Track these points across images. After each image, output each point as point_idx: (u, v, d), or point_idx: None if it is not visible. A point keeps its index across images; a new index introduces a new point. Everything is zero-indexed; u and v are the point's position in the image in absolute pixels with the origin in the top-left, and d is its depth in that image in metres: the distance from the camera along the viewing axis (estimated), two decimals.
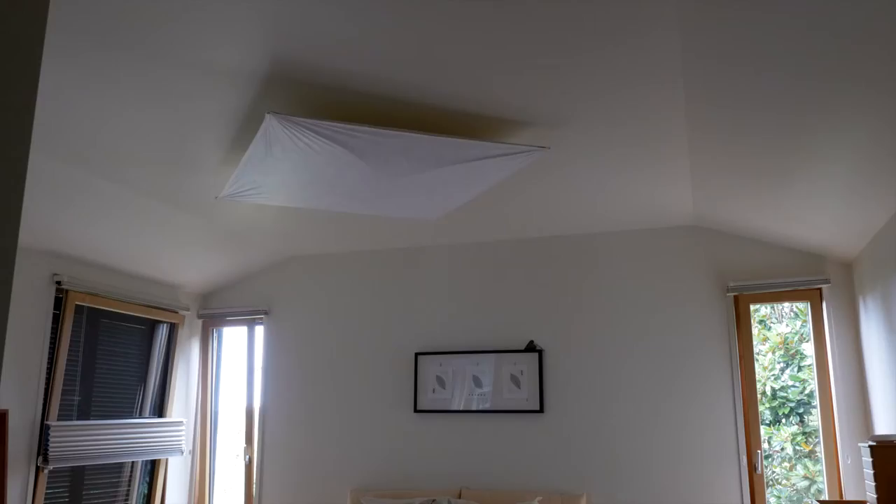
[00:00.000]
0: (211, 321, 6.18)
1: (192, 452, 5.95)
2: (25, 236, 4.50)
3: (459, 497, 5.09)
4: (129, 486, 5.45)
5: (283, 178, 3.73)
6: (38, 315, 4.70)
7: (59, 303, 4.85)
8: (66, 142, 3.62)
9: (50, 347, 4.78)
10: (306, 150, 3.32)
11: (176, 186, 4.32)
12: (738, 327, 4.96)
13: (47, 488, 4.73)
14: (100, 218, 4.60)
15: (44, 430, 4.65)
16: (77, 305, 4.99)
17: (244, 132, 3.50)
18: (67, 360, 4.91)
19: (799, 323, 5.33)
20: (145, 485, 5.59)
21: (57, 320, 4.84)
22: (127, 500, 5.43)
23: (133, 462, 5.47)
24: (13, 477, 4.45)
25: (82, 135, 3.56)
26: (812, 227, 4.46)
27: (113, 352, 5.39)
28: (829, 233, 4.46)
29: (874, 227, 4.02)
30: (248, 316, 6.08)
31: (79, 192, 4.24)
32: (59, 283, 4.81)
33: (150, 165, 3.99)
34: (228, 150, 3.73)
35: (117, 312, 5.36)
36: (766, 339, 5.35)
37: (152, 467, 5.62)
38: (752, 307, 5.05)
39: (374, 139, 3.27)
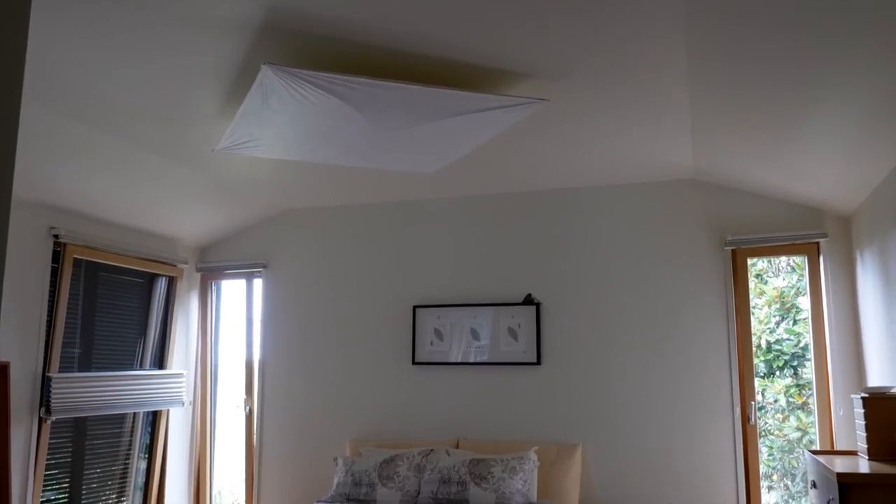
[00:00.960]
0: (209, 274, 6.20)
1: (193, 404, 6.03)
2: (22, 190, 4.48)
3: (457, 447, 5.18)
4: (131, 436, 5.53)
5: (279, 130, 3.70)
6: (36, 268, 4.71)
7: (56, 256, 4.85)
8: (62, 95, 3.58)
9: (49, 301, 4.80)
10: (303, 102, 3.29)
11: (173, 139, 4.29)
12: (734, 281, 4.98)
13: (51, 438, 4.80)
14: (97, 171, 4.58)
15: (45, 382, 4.70)
16: (75, 259, 4.99)
17: (240, 84, 3.46)
18: (67, 313, 4.93)
19: (795, 277, 5.35)
20: (147, 435, 5.67)
21: (55, 274, 4.85)
22: (130, 450, 5.52)
23: (135, 413, 5.54)
24: (16, 428, 4.51)
25: (78, 88, 3.52)
26: (812, 181, 4.45)
27: (112, 305, 5.42)
28: (828, 187, 4.45)
29: (873, 181, 4.01)
30: (246, 269, 6.09)
31: (75, 146, 4.21)
32: (56, 236, 4.80)
33: (146, 118, 3.95)
34: (225, 102, 3.70)
35: (116, 266, 5.37)
36: (762, 293, 5.38)
37: (154, 418, 5.69)
38: (749, 261, 5.07)
39: (371, 91, 3.23)
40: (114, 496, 5.36)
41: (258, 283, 6.08)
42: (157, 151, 4.48)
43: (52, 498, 4.88)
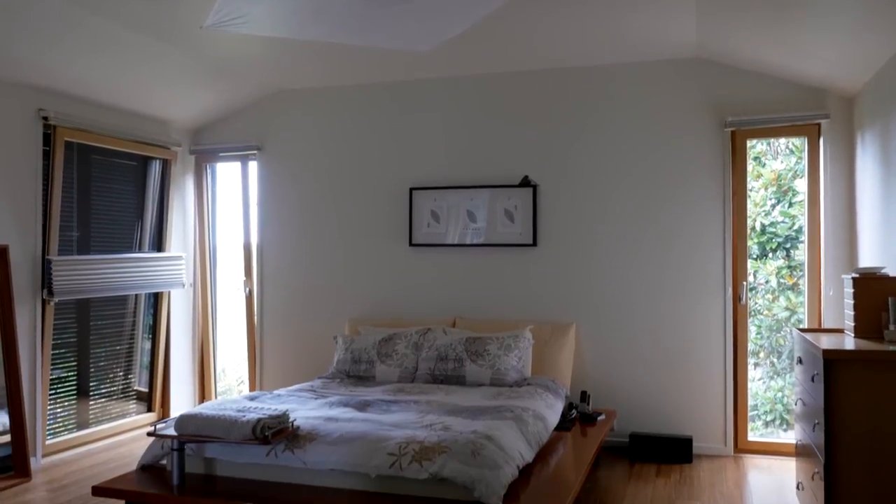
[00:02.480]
0: (203, 157, 6.14)
1: (194, 285, 6.12)
2: (9, 71, 4.37)
3: (454, 326, 5.30)
4: (134, 317, 5.65)
5: (267, 5, 3.56)
6: (27, 151, 4.66)
7: (47, 139, 4.79)
8: None
9: (44, 184, 4.77)
10: None
11: (162, 18, 4.14)
12: (733, 164, 4.96)
13: (55, 320, 4.90)
14: (86, 52, 4.45)
15: (46, 265, 4.75)
16: (66, 142, 4.93)
17: None
18: (62, 196, 4.92)
19: (794, 160, 5.32)
20: (150, 316, 5.78)
21: (48, 157, 4.80)
22: (134, 330, 5.65)
23: (137, 295, 5.63)
24: (21, 310, 4.59)
25: None
26: (816, 59, 4.34)
27: (107, 188, 5.39)
28: (832, 66, 4.35)
29: (879, 60, 3.92)
30: (240, 152, 6.03)
31: (63, 26, 4.07)
32: (45, 118, 4.72)
33: None
34: None
35: (109, 149, 5.31)
36: (759, 176, 5.36)
37: (155, 300, 5.79)
38: (748, 143, 5.02)
39: None
40: (121, 374, 5.53)
41: (253, 166, 6.04)
42: (145, 31, 4.34)
43: (62, 376, 5.04)
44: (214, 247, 6.28)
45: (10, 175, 4.55)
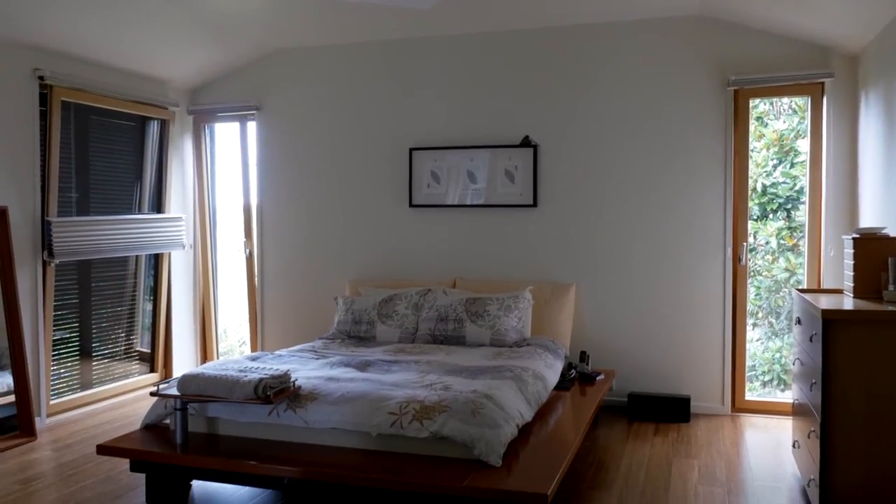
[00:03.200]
0: (202, 117, 6.10)
1: (194, 247, 6.12)
2: (3, 29, 4.31)
3: (454, 287, 5.32)
4: (135, 278, 5.66)
5: None
6: (23, 112, 4.62)
7: (44, 99, 4.74)
8: None
9: (41, 145, 4.74)
10: None
11: None
12: (735, 123, 4.92)
13: (56, 281, 4.91)
14: (81, 9, 4.38)
15: (45, 226, 4.74)
16: (63, 102, 4.88)
17: None
18: (61, 157, 4.89)
19: (796, 119, 5.27)
20: (151, 278, 5.80)
21: (45, 117, 4.76)
22: (135, 292, 5.66)
23: (137, 256, 5.64)
24: (21, 271, 4.60)
25: None
26: (821, 15, 4.28)
27: (106, 149, 5.36)
28: (837, 23, 4.29)
29: (884, 17, 3.86)
30: (239, 112, 5.98)
31: None
32: (41, 78, 4.67)
33: None
34: None
35: (106, 109, 5.26)
36: (761, 136, 5.32)
37: (156, 261, 5.80)
38: (751, 103, 4.98)
39: None
40: (123, 335, 5.56)
41: (252, 127, 5.99)
42: None
43: (64, 337, 5.07)
44: (214, 208, 6.26)
45: (7, 136, 4.52)
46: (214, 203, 6.26)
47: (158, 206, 5.80)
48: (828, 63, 4.69)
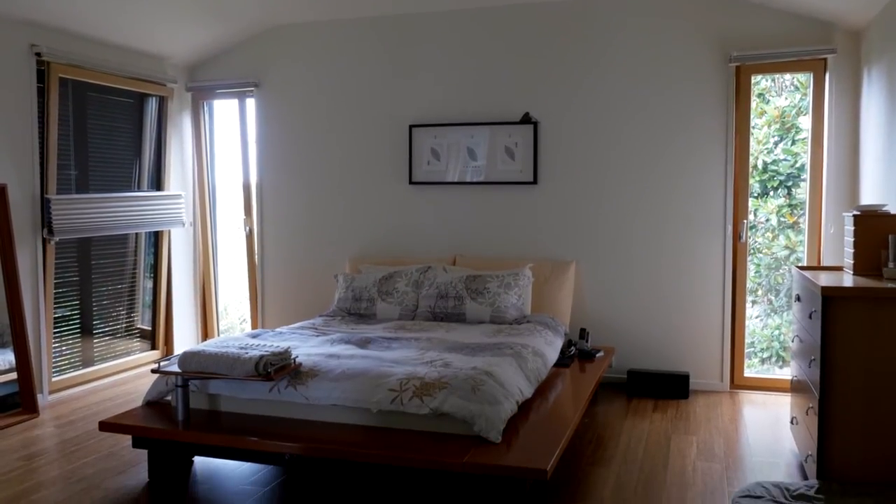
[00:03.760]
0: (200, 94, 6.06)
1: (194, 224, 6.11)
2: (0, 5, 4.27)
3: (454, 264, 5.32)
4: (135, 256, 5.66)
5: None
6: (21, 88, 4.59)
7: (41, 76, 4.71)
8: None
9: (39, 122, 4.72)
10: None
11: None
12: (736, 100, 4.89)
13: (57, 258, 4.91)
14: None
15: (45, 204, 4.73)
16: (61, 78, 4.85)
17: None
18: (59, 134, 4.86)
19: (798, 96, 5.25)
20: (151, 255, 5.80)
21: (42, 94, 4.73)
22: (135, 269, 5.66)
23: (137, 234, 5.63)
24: (22, 249, 4.59)
25: None
26: None
27: (104, 126, 5.34)
28: None
29: None
30: (237, 89, 5.95)
31: None
32: (38, 54, 4.63)
33: None
34: None
35: (104, 86, 5.23)
36: (763, 113, 5.29)
37: (156, 239, 5.79)
38: (752, 79, 4.95)
39: None
40: (124, 313, 5.57)
41: (251, 104, 5.96)
42: None
43: (66, 315, 5.08)
44: (213, 185, 6.25)
45: (4, 113, 4.49)
46: (214, 180, 6.24)
47: (158, 183, 5.79)
48: (830, 39, 4.66)
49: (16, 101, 4.56)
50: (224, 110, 6.25)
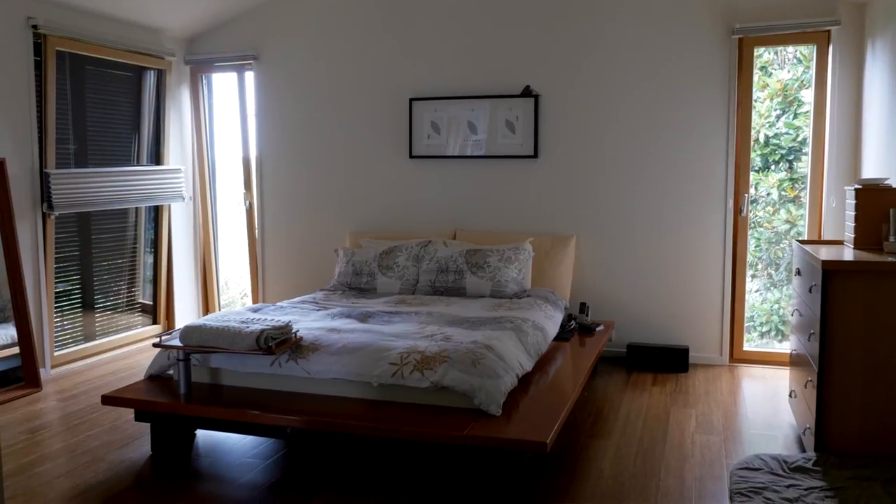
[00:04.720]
0: (199, 67, 6.02)
1: (194, 199, 6.10)
2: None
3: (454, 239, 5.32)
4: (135, 231, 5.65)
5: None
6: (18, 62, 4.55)
7: (38, 49, 4.67)
8: None
9: (37, 96, 4.69)
10: None
11: None
12: (738, 73, 4.85)
13: (57, 233, 4.91)
14: None
15: (44, 178, 4.72)
16: (58, 51, 4.81)
17: None
18: (57, 108, 4.84)
19: (801, 69, 5.20)
20: (151, 230, 5.79)
21: (39, 68, 4.70)
22: (135, 244, 5.66)
23: (137, 209, 5.62)
24: (21, 223, 4.59)
25: None
26: None
27: (102, 100, 5.30)
28: None
29: None
30: (236, 62, 5.90)
31: None
32: (35, 27, 4.59)
33: None
34: None
35: (102, 59, 5.19)
36: (765, 86, 5.26)
37: (156, 214, 5.78)
38: (755, 52, 4.90)
39: None
40: (125, 287, 5.58)
41: (250, 77, 5.92)
42: None
43: (67, 289, 5.09)
44: (213, 160, 6.22)
45: (2, 86, 4.46)
46: (213, 155, 6.22)
47: (157, 157, 5.77)
48: (834, 11, 4.61)
49: (13, 74, 4.53)
50: (223, 84, 6.21)
